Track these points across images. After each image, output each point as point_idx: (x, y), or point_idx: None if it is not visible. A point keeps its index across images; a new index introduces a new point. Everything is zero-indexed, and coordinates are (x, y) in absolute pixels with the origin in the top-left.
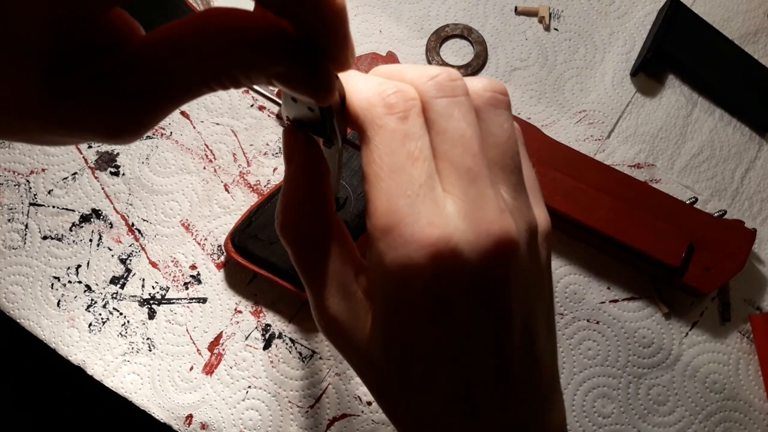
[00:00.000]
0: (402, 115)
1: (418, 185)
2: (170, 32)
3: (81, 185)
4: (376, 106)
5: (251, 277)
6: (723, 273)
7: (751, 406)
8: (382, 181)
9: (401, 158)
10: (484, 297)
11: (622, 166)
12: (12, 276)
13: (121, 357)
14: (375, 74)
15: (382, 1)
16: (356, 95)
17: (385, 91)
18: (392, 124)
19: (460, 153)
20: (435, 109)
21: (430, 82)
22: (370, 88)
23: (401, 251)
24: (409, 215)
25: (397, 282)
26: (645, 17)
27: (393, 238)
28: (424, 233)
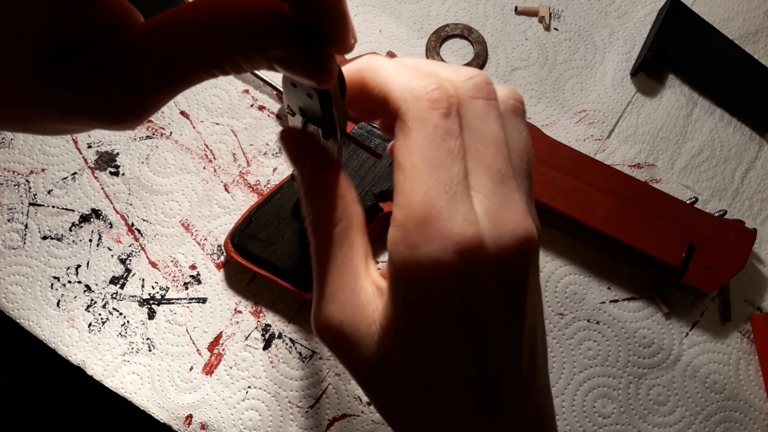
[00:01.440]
0: (445, 111)
1: (456, 182)
2: (170, 18)
3: (81, 185)
4: (420, 99)
5: (251, 277)
6: (723, 273)
7: (751, 406)
8: (421, 174)
9: (443, 154)
10: (507, 295)
11: (623, 166)
12: (12, 276)
13: (121, 357)
14: (405, 66)
15: (382, 1)
16: (398, 85)
17: (429, 86)
18: (435, 120)
19: (492, 154)
20: (472, 109)
21: (469, 82)
22: (412, 79)
23: (437, 245)
24: (447, 210)
25: (427, 274)
26: (645, 17)
27: (430, 231)
28: (461, 229)
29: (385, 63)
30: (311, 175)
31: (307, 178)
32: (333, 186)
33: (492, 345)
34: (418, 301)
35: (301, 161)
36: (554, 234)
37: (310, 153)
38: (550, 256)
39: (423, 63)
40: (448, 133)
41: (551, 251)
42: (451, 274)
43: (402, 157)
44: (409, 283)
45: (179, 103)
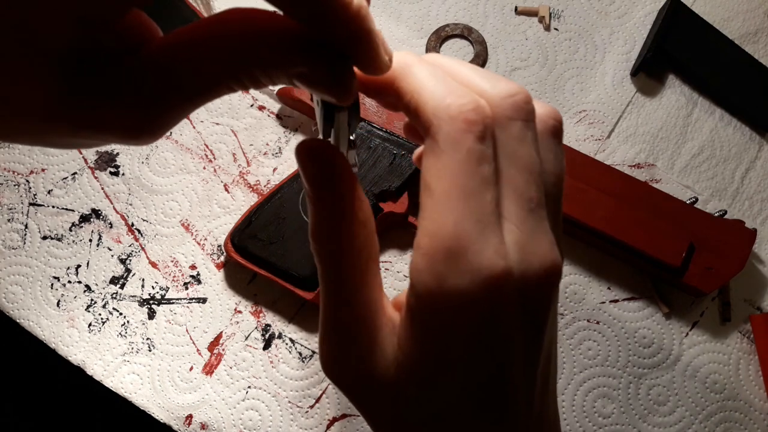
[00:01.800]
0: (480, 134)
1: (489, 211)
2: (190, 33)
3: (81, 185)
4: (455, 119)
5: (251, 277)
6: (723, 273)
7: (751, 406)
8: (452, 201)
9: (476, 181)
10: (529, 327)
11: (623, 166)
12: (12, 276)
13: (121, 357)
14: (435, 66)
15: (382, 1)
16: (433, 100)
17: (466, 105)
18: (470, 143)
19: (525, 181)
20: (509, 132)
21: (509, 100)
22: (447, 94)
23: (466, 278)
24: (478, 242)
25: (452, 306)
26: (645, 17)
27: (459, 263)
28: (492, 263)
29: (420, 68)
30: (337, 201)
31: (330, 203)
32: (357, 212)
33: (511, 377)
34: (441, 334)
35: (325, 183)
36: None
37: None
38: None
39: (460, 69)
40: (483, 158)
41: None
42: (477, 307)
43: (431, 180)
44: (432, 315)
45: None
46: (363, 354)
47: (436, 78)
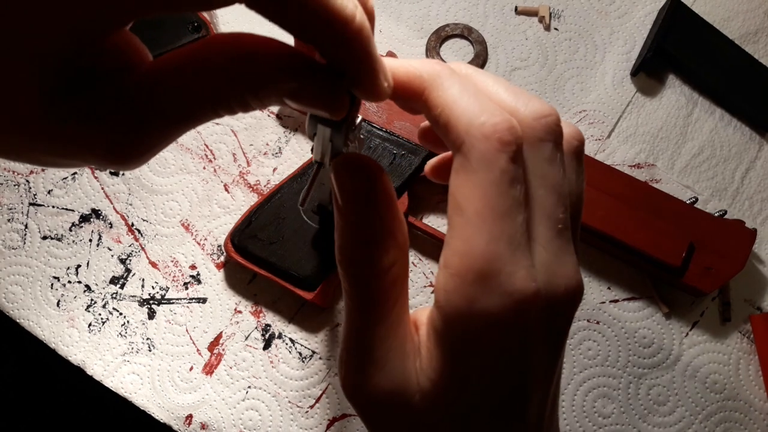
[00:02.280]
0: (513, 155)
1: (521, 233)
2: (179, 58)
3: (81, 185)
4: (489, 139)
5: (251, 277)
6: (723, 273)
7: (751, 406)
8: (485, 222)
9: (509, 203)
10: (551, 347)
11: (623, 166)
12: (12, 276)
13: (121, 357)
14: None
15: (382, 1)
16: (466, 117)
17: (500, 124)
18: (503, 164)
19: (554, 203)
20: (540, 153)
21: (541, 121)
22: (481, 112)
23: (496, 300)
24: (510, 264)
25: (481, 327)
26: (645, 17)
27: (491, 285)
28: (524, 285)
29: (452, 82)
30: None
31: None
32: (396, 235)
33: (532, 394)
34: (469, 355)
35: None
36: None
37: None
38: None
39: (491, 84)
40: (515, 179)
41: None
42: (506, 328)
43: (462, 199)
44: (460, 337)
45: None
46: (387, 379)
47: (468, 93)
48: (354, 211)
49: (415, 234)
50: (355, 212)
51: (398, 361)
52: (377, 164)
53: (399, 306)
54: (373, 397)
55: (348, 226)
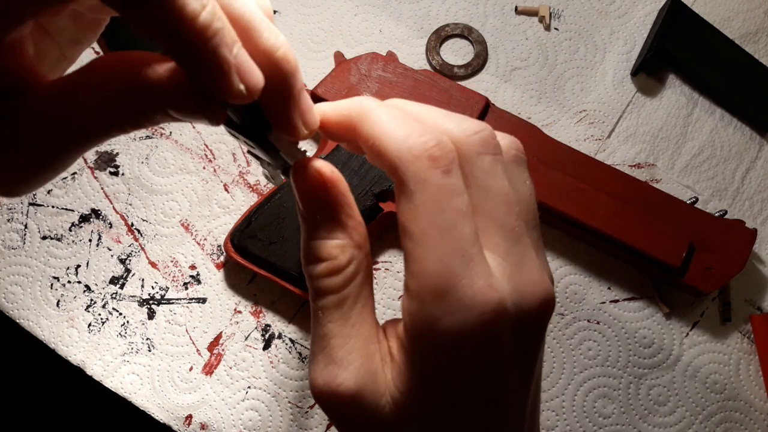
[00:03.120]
0: (446, 169)
1: (470, 244)
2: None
3: (80, 185)
4: (419, 158)
5: (251, 277)
6: (724, 273)
7: (751, 406)
8: (431, 240)
9: (451, 215)
10: (524, 357)
11: (623, 165)
12: (11, 276)
13: (121, 357)
14: (397, 109)
15: (382, 1)
16: (394, 142)
17: (428, 142)
18: (438, 179)
19: (504, 212)
20: (479, 166)
21: (475, 137)
22: (408, 135)
23: (458, 316)
24: (465, 277)
25: (448, 346)
26: (645, 17)
27: (449, 302)
28: (484, 297)
29: (378, 112)
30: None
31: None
32: (352, 234)
33: (505, 407)
34: (438, 374)
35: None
36: (554, 234)
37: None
38: (551, 256)
39: (423, 111)
40: (454, 192)
41: (551, 251)
42: (473, 344)
43: (408, 222)
44: (428, 356)
45: None
46: (351, 379)
47: (395, 120)
48: (310, 212)
49: None
50: (310, 212)
51: (362, 362)
52: (330, 166)
53: (360, 306)
54: (338, 396)
55: (307, 227)
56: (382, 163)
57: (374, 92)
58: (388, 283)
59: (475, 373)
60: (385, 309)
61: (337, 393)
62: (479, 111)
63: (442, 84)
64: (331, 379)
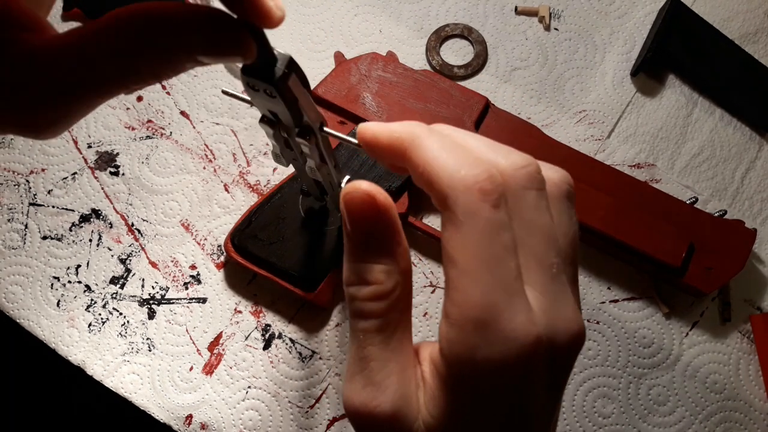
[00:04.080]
0: (495, 203)
1: (514, 278)
2: (84, 31)
3: (81, 185)
4: (471, 190)
5: (251, 277)
6: (723, 273)
7: (751, 406)
8: (477, 272)
9: (498, 250)
10: (555, 389)
11: (623, 166)
12: (12, 276)
13: (121, 357)
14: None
15: (382, 1)
16: (446, 171)
17: (480, 175)
18: (487, 213)
19: (545, 248)
20: (525, 201)
21: (522, 171)
22: (460, 166)
23: (498, 348)
24: (507, 311)
25: (485, 375)
26: (645, 17)
27: (490, 333)
28: (524, 331)
29: (431, 141)
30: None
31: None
32: (400, 261)
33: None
34: (473, 400)
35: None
36: None
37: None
38: None
39: (470, 140)
40: (501, 226)
41: None
42: (510, 373)
43: (454, 252)
44: (464, 384)
45: (179, 103)
46: (388, 402)
47: (447, 149)
48: (360, 238)
49: (415, 234)
50: (360, 239)
51: (399, 386)
52: (382, 191)
53: (400, 331)
54: (374, 418)
55: (353, 249)
56: (431, 190)
57: (374, 92)
58: None
59: (509, 401)
60: None
61: (373, 414)
62: (479, 111)
63: (442, 84)
64: (369, 401)
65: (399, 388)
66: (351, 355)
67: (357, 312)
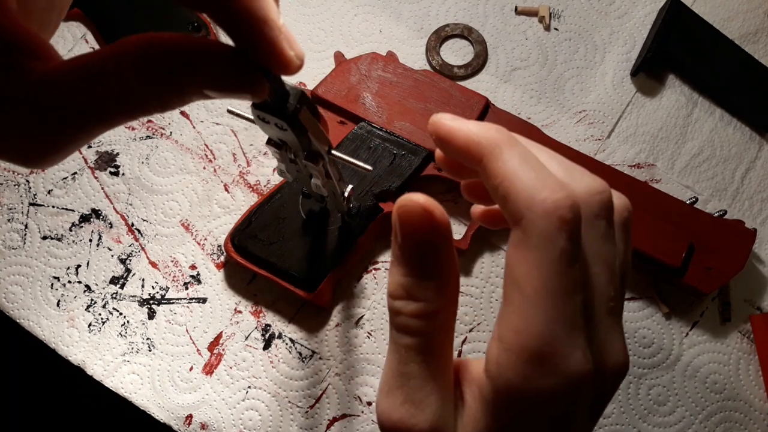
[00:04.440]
0: (572, 234)
1: (579, 314)
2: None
3: (81, 185)
4: (550, 216)
5: (251, 277)
6: (723, 273)
7: (751, 406)
8: (543, 302)
9: (567, 283)
10: (594, 416)
11: (623, 166)
12: (12, 276)
13: (121, 357)
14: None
15: (382, 1)
16: (525, 191)
17: (560, 201)
18: (562, 243)
19: (607, 281)
20: (596, 230)
21: (596, 198)
22: (542, 188)
23: (552, 380)
24: (567, 345)
25: (533, 404)
26: (645, 17)
27: (546, 365)
28: (578, 368)
29: (511, 154)
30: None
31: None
32: (453, 280)
33: None
34: (515, 426)
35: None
36: None
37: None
38: None
39: (545, 157)
40: (574, 259)
41: None
42: (559, 405)
43: (521, 276)
44: (510, 409)
45: None
46: (426, 422)
47: (529, 167)
48: (411, 253)
49: None
50: (413, 258)
51: (439, 406)
52: (440, 207)
53: (443, 351)
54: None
55: (403, 263)
56: (505, 205)
57: (374, 92)
58: None
59: (552, 428)
60: (385, 309)
61: (402, 428)
62: (479, 111)
63: (442, 84)
64: (408, 418)
65: (438, 408)
66: (390, 368)
67: (401, 327)
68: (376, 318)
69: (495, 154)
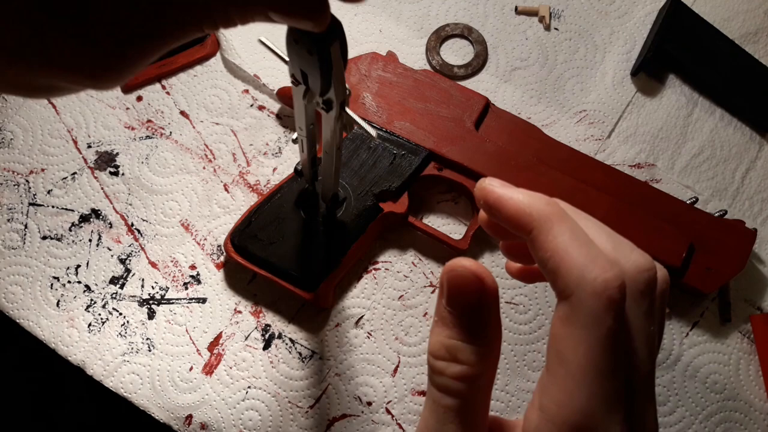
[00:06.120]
0: (619, 314)
1: (621, 392)
2: None
3: (80, 185)
4: (600, 296)
5: (251, 277)
6: (723, 273)
7: (751, 406)
8: (586, 378)
9: (612, 363)
10: None
11: (623, 166)
12: (11, 276)
13: (121, 357)
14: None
15: (382, 1)
16: (576, 270)
17: (610, 281)
18: (610, 323)
19: (645, 357)
20: (640, 307)
21: (642, 275)
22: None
23: None
24: (605, 422)
25: None
26: (645, 17)
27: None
28: None
29: (561, 229)
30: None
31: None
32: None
33: None
34: None
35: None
36: None
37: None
38: None
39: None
40: (620, 339)
41: None
42: None
43: (567, 351)
44: None
45: (179, 103)
46: None
47: (579, 243)
48: (458, 316)
49: (415, 234)
50: (458, 316)
51: None
52: (490, 275)
53: (481, 415)
54: None
55: (449, 324)
56: (554, 281)
57: (374, 92)
58: (388, 283)
59: None
60: (385, 309)
61: None
62: (479, 111)
63: (442, 84)
64: None
65: None
66: (427, 426)
67: (442, 388)
68: (376, 318)
69: (546, 228)
